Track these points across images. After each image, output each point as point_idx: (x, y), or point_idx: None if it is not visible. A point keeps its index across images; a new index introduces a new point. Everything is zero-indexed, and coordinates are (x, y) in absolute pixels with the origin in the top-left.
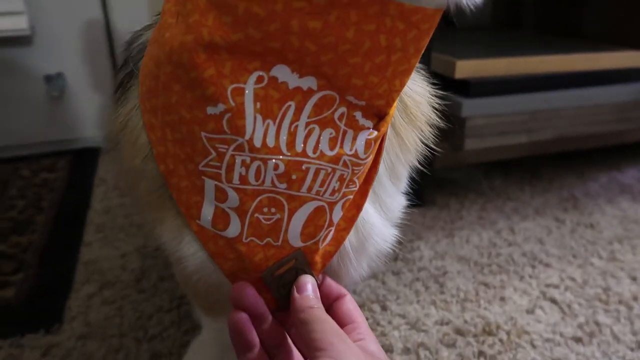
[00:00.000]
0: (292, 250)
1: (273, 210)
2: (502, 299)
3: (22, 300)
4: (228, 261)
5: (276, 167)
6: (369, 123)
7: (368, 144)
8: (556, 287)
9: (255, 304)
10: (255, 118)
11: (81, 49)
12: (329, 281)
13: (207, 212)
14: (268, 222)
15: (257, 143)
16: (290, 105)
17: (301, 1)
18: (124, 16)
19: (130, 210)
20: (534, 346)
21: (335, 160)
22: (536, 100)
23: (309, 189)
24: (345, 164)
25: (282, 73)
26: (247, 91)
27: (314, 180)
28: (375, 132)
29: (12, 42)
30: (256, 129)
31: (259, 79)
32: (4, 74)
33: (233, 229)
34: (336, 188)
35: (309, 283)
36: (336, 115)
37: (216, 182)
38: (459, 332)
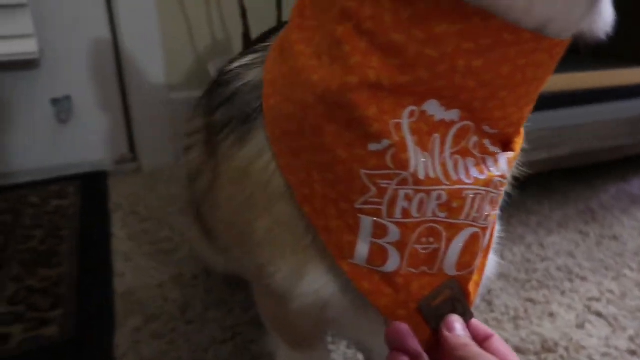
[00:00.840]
0: (445, 279)
1: (431, 240)
2: (551, 314)
3: (67, 338)
4: (384, 297)
5: (439, 197)
6: (497, 149)
7: (510, 164)
8: (598, 300)
9: (414, 344)
10: (415, 151)
11: (89, 70)
12: (475, 321)
13: (362, 250)
14: (425, 252)
15: (421, 175)
16: (436, 138)
17: (470, 42)
18: (133, 36)
19: (156, 237)
20: None
21: (489, 182)
22: (561, 117)
23: (467, 216)
24: (495, 186)
25: (432, 107)
26: (404, 126)
27: (471, 206)
28: (512, 153)
29: (20, 65)
30: (418, 162)
31: (412, 114)
32: (10, 97)
33: (392, 264)
34: (488, 212)
35: (456, 322)
36: (470, 145)
37: (375, 219)
38: (519, 350)
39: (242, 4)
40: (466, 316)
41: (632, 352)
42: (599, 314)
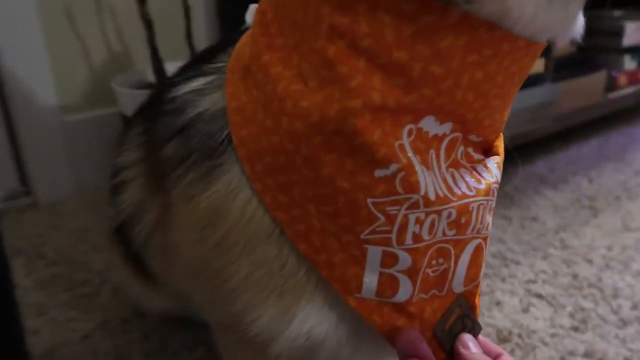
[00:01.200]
0: (454, 298)
1: (441, 261)
2: (498, 303)
3: None
4: (396, 330)
5: (449, 215)
6: (480, 157)
7: (499, 167)
8: (534, 282)
9: (426, 350)
10: (422, 172)
11: None
12: (483, 339)
13: (370, 282)
14: (435, 274)
15: (432, 196)
16: (432, 154)
17: (474, 55)
18: (15, 54)
19: (70, 281)
20: (545, 343)
21: (488, 191)
22: None
23: (473, 229)
24: (493, 193)
25: (428, 123)
26: (406, 147)
27: (477, 218)
28: (498, 157)
29: None
30: (427, 182)
31: (410, 132)
32: None
33: (403, 293)
34: (488, 221)
35: (470, 340)
36: (458, 155)
37: (384, 248)
38: None
39: (146, 13)
40: (475, 330)
41: (575, 329)
42: (539, 296)
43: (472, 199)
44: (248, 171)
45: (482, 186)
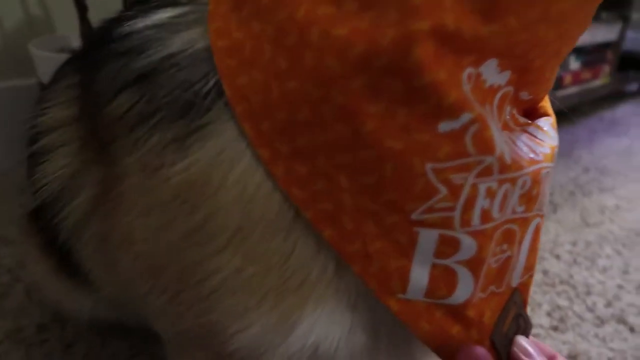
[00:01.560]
0: (510, 294)
1: (505, 247)
2: None
3: None
4: (449, 339)
5: (523, 184)
6: (525, 120)
7: (555, 129)
8: None
9: None
10: (494, 126)
11: None
12: (534, 339)
13: (420, 277)
14: (497, 265)
15: (507, 158)
16: (486, 109)
17: None
18: None
19: None
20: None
21: (553, 155)
22: None
23: (539, 203)
24: (554, 158)
25: (489, 68)
26: (468, 96)
27: (543, 190)
28: (550, 118)
29: None
30: (500, 140)
31: (469, 78)
32: None
33: (462, 291)
34: (547, 194)
35: (529, 345)
36: (507, 116)
37: (442, 231)
38: None
39: None
40: (527, 330)
41: (555, 328)
42: None
43: (542, 164)
44: (250, 133)
45: (547, 150)
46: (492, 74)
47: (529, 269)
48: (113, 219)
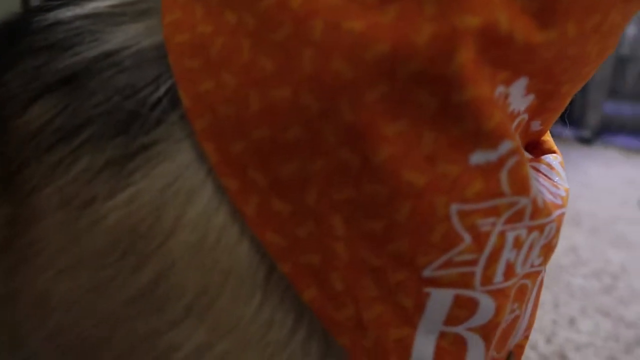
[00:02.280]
0: (506, 357)
1: (515, 306)
2: None
3: None
4: None
5: (549, 233)
6: (529, 155)
7: (563, 168)
8: None
9: None
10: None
11: None
12: None
13: (424, 349)
14: (504, 327)
15: (540, 201)
16: None
17: None
18: None
19: None
20: None
21: (567, 199)
22: None
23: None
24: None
25: (518, 89)
26: None
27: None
28: (558, 156)
29: None
30: (533, 179)
31: (498, 98)
32: None
33: None
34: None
35: None
36: None
37: (459, 291)
38: None
39: None
40: None
41: (533, 347)
42: None
43: (563, 209)
44: (213, 156)
45: (563, 193)
46: (518, 96)
47: (529, 327)
48: (23, 276)
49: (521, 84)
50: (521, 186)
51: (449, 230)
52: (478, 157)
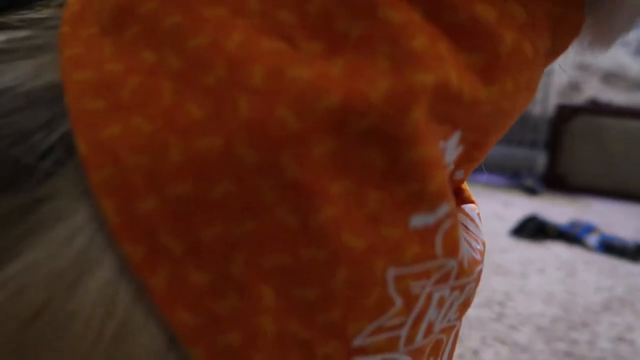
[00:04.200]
0: None
1: (431, 359)
2: None
3: None
4: None
5: (469, 290)
6: None
7: (480, 219)
8: None
9: None
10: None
11: None
12: None
13: None
14: None
15: (465, 262)
16: None
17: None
18: None
19: None
20: None
21: (484, 252)
22: None
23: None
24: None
25: (452, 143)
26: None
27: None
28: (475, 206)
29: None
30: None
31: None
32: None
33: None
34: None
35: None
36: None
37: (385, 356)
38: None
39: None
40: None
41: None
42: None
43: (481, 266)
44: (113, 216)
45: (481, 246)
46: (452, 149)
47: None
48: None
49: (456, 136)
50: (452, 249)
51: (382, 295)
52: (417, 221)
